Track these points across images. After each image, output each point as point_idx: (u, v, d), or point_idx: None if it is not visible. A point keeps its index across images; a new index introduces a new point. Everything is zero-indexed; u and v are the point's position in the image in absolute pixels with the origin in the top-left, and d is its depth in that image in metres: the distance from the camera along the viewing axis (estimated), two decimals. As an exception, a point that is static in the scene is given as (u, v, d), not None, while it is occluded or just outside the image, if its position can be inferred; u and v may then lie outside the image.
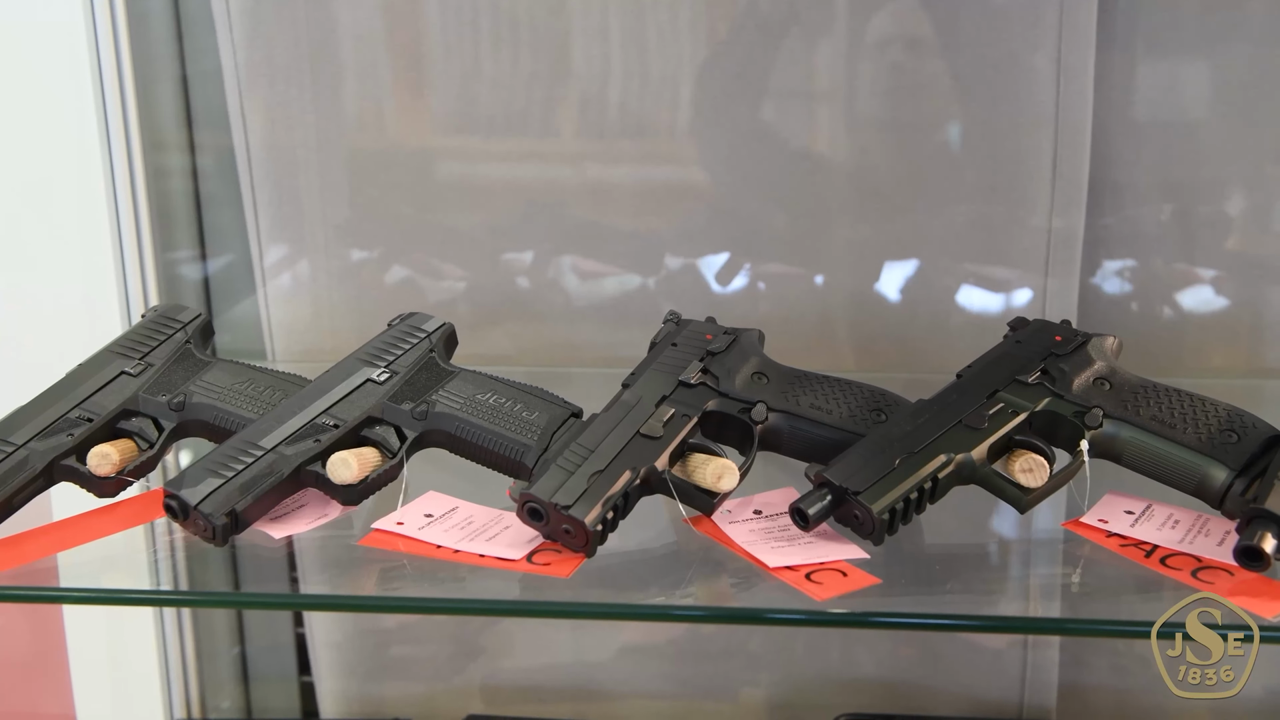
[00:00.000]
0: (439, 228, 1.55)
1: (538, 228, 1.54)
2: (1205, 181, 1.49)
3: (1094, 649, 1.61)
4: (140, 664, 1.65)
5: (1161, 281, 1.53)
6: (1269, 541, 0.94)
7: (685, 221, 1.54)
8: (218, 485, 1.04)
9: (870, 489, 1.03)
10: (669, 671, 1.65)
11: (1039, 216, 1.48)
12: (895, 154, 1.48)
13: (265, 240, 1.55)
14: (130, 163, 1.55)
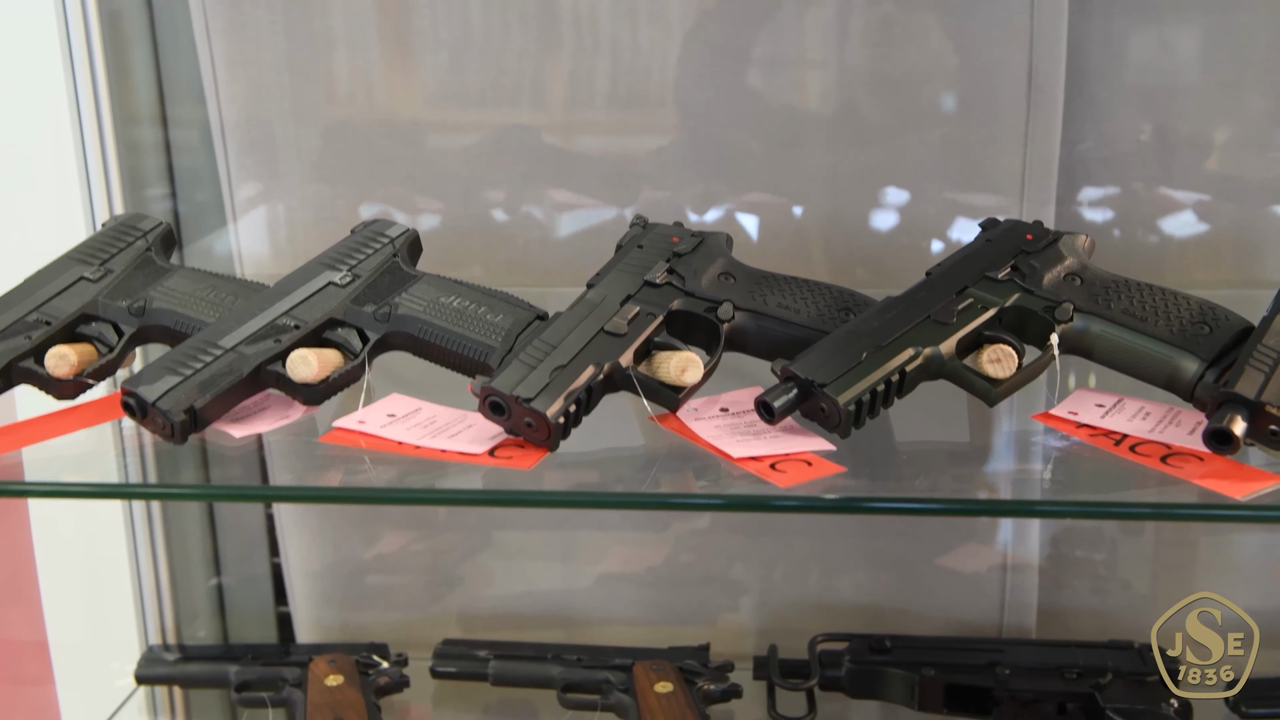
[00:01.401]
0: (413, 160, 1.53)
1: (513, 160, 1.52)
2: (1185, 95, 1.47)
3: (1074, 571, 1.60)
4: (114, 593, 1.64)
5: (1143, 205, 1.52)
6: (1238, 424, 0.93)
7: (662, 153, 1.52)
8: (176, 383, 1.03)
9: (836, 381, 1.01)
10: (646, 598, 1.65)
11: (1014, 138, 1.46)
12: (870, 74, 1.46)
13: (235, 177, 1.53)
14: (97, 100, 1.54)
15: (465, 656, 1.54)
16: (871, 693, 1.46)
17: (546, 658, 1.52)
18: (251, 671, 1.50)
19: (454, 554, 1.68)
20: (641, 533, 1.65)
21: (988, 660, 1.44)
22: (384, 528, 1.67)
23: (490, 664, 1.52)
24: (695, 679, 1.46)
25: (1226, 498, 0.90)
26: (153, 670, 1.55)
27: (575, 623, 1.65)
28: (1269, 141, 1.47)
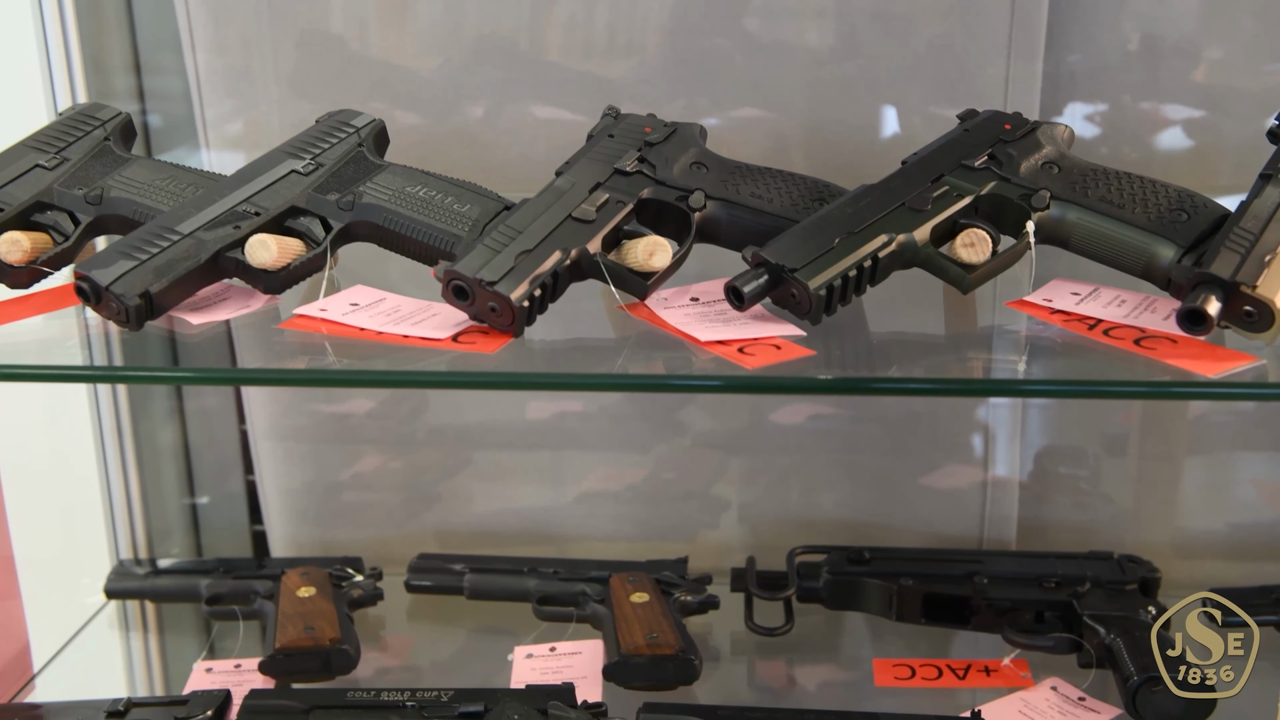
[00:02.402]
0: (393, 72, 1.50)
1: (493, 72, 1.49)
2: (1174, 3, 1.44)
3: (1055, 487, 1.59)
4: (85, 513, 1.63)
5: (1130, 119, 1.49)
6: (1213, 305, 0.91)
7: (643, 65, 1.49)
8: (131, 267, 1.00)
9: (807, 266, 0.99)
10: (626, 514, 1.63)
11: (998, 48, 1.43)
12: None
13: (207, 93, 1.49)
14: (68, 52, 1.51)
15: (440, 570, 1.53)
16: (849, 604, 1.45)
17: (522, 571, 1.50)
18: (223, 584, 1.48)
19: (432, 473, 1.66)
20: (622, 452, 1.64)
21: (966, 571, 1.43)
22: (361, 446, 1.66)
23: (465, 577, 1.51)
24: (672, 590, 1.44)
25: (1198, 375, 0.88)
26: (122, 584, 1.53)
27: (554, 540, 1.63)
28: (1258, 52, 1.44)
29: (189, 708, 1.25)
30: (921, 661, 1.36)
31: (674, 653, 1.30)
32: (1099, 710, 1.26)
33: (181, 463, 1.71)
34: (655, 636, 1.32)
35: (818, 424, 1.57)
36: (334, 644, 1.33)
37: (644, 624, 1.34)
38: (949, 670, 1.35)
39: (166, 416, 1.71)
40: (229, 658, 1.39)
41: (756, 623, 1.42)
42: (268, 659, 1.32)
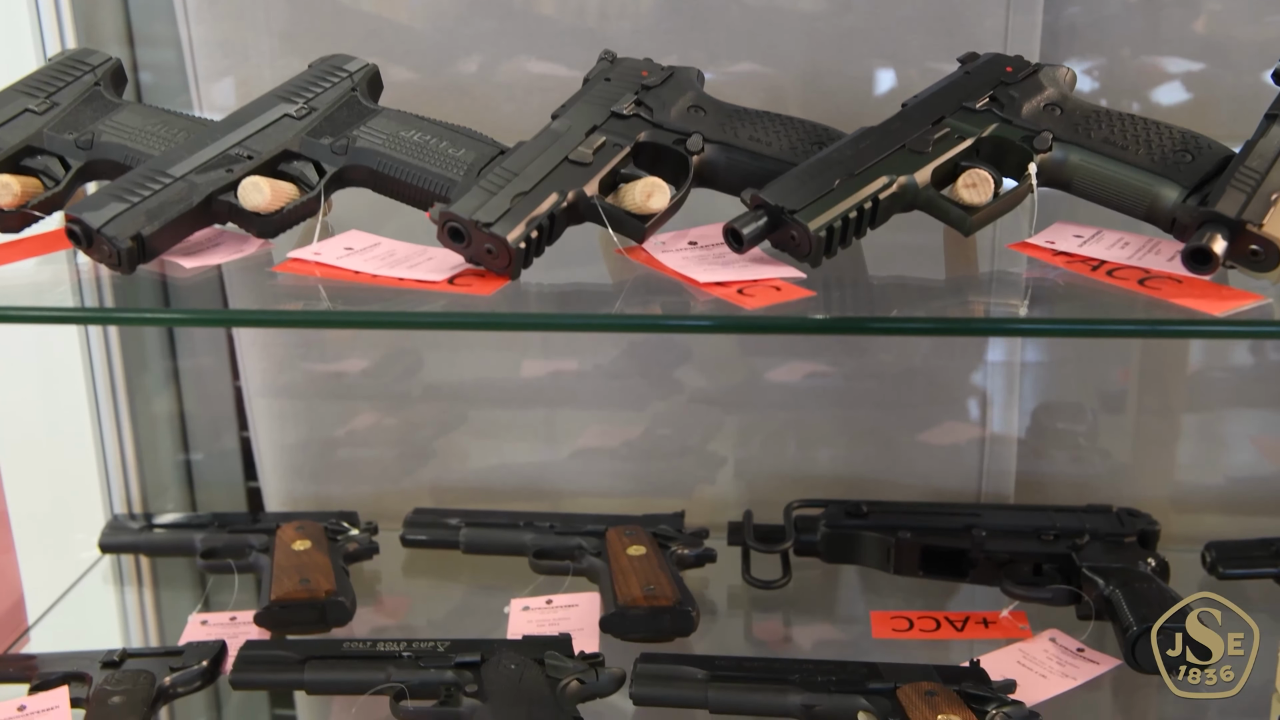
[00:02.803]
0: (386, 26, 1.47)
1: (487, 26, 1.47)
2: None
3: (1053, 442, 1.58)
4: (79, 470, 1.62)
5: (1129, 72, 1.47)
6: (1218, 243, 0.90)
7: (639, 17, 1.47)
8: (122, 209, 0.99)
9: (807, 208, 0.98)
10: (622, 470, 1.62)
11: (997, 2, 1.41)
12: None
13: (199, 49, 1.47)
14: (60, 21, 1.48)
15: (436, 524, 1.52)
16: (847, 557, 1.45)
17: (518, 525, 1.50)
18: (217, 538, 1.48)
19: (427, 430, 1.65)
20: (618, 409, 1.63)
21: (964, 524, 1.42)
22: (355, 403, 1.65)
23: (461, 531, 1.50)
24: (669, 544, 1.44)
25: (1204, 313, 0.87)
26: (117, 539, 1.52)
27: (550, 496, 1.62)
28: (1259, 1, 1.43)
29: (184, 658, 1.24)
30: (919, 614, 1.36)
31: (671, 604, 1.30)
32: (1098, 661, 1.26)
33: (176, 419, 1.70)
34: (652, 589, 1.31)
35: (814, 381, 1.57)
36: (329, 596, 1.32)
37: (641, 576, 1.34)
38: (947, 622, 1.34)
39: (160, 374, 1.70)
40: (224, 610, 1.38)
41: (753, 576, 1.42)
42: (263, 611, 1.31)
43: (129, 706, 1.16)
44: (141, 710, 1.15)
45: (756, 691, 1.19)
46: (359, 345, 1.62)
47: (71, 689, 1.21)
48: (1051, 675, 1.24)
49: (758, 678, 1.20)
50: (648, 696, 1.20)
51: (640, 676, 1.20)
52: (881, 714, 1.13)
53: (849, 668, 1.20)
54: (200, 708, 1.26)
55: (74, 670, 1.23)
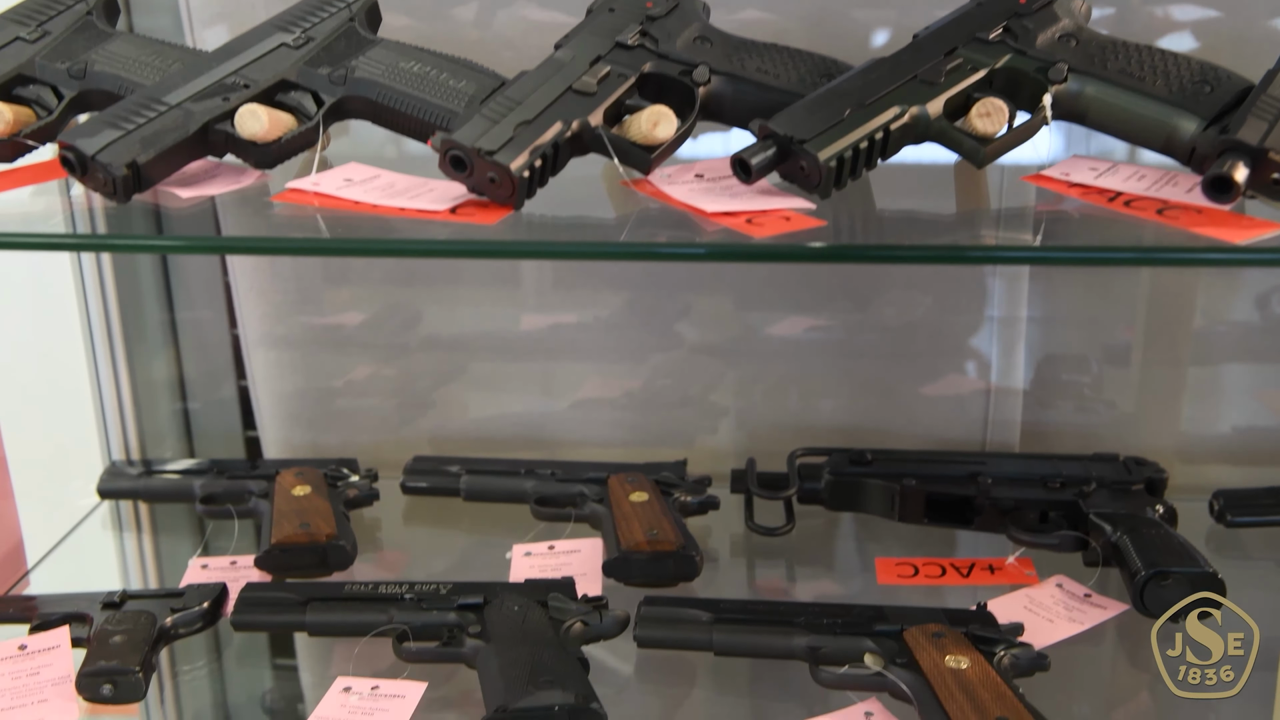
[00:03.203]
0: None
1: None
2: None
3: (1059, 392, 1.57)
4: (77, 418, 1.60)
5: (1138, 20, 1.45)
6: (1240, 171, 0.89)
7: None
8: (117, 136, 0.97)
9: (817, 137, 0.96)
10: (623, 420, 1.61)
11: None
12: None
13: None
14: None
15: (436, 472, 1.50)
16: (851, 505, 1.44)
17: (519, 473, 1.48)
18: (217, 484, 1.46)
19: (426, 380, 1.64)
20: (618, 362, 1.61)
21: (969, 471, 1.41)
22: (354, 355, 1.63)
23: (462, 479, 1.49)
24: (671, 490, 1.42)
25: (1225, 241, 0.85)
26: (115, 484, 1.51)
27: (550, 445, 1.61)
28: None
29: (185, 599, 1.23)
30: (924, 560, 1.35)
31: (674, 549, 1.28)
32: (1105, 606, 1.25)
33: (173, 369, 1.68)
34: (655, 533, 1.30)
35: (817, 333, 1.55)
36: (330, 540, 1.31)
37: (644, 521, 1.32)
38: (952, 569, 1.33)
39: (158, 325, 1.68)
40: (224, 555, 1.37)
41: (757, 523, 1.41)
42: (263, 554, 1.30)
43: (130, 646, 1.14)
44: (143, 649, 1.14)
45: (761, 634, 1.18)
46: (357, 297, 1.60)
47: (72, 629, 1.20)
48: (1058, 620, 1.23)
49: (763, 620, 1.19)
50: (652, 639, 1.19)
51: (644, 619, 1.19)
52: (888, 655, 1.12)
53: (855, 610, 1.19)
54: (201, 649, 1.25)
55: (75, 611, 1.22)
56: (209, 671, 1.24)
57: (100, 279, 1.59)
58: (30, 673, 1.15)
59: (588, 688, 1.07)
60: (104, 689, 1.11)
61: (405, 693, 1.13)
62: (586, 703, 1.05)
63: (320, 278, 1.58)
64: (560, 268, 1.56)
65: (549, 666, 1.09)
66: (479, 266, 1.57)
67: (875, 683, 1.12)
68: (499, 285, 1.58)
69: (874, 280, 1.52)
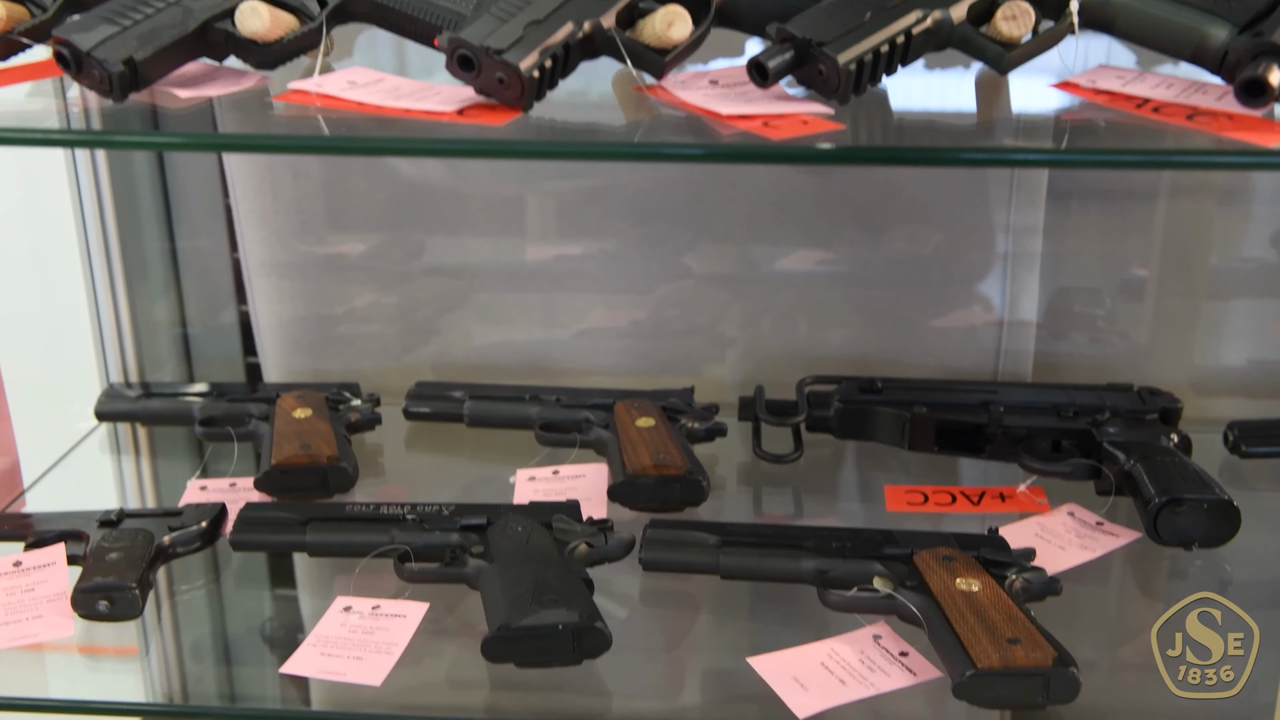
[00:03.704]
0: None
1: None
2: None
3: (1072, 323, 1.54)
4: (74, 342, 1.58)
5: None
6: (1275, 74, 0.85)
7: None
8: (113, 32, 0.94)
9: (836, 40, 0.93)
10: (628, 348, 1.59)
11: None
12: None
13: None
14: None
15: (439, 398, 1.48)
16: (860, 433, 1.42)
17: (524, 398, 1.46)
18: (216, 407, 1.44)
19: (429, 309, 1.61)
20: (624, 293, 1.58)
21: (981, 400, 1.39)
22: (357, 278, 1.60)
23: (465, 405, 1.47)
24: (679, 416, 1.40)
25: (1257, 145, 0.82)
26: (113, 406, 1.49)
27: (555, 374, 1.58)
28: None
29: (183, 518, 1.22)
30: (934, 488, 1.33)
31: (681, 473, 1.26)
32: (1117, 534, 1.23)
33: (173, 293, 1.65)
34: (662, 457, 1.28)
35: (827, 264, 1.52)
36: (331, 462, 1.29)
37: (650, 446, 1.30)
38: (963, 497, 1.31)
39: (157, 248, 1.65)
40: (223, 478, 1.35)
41: (764, 450, 1.39)
42: (263, 475, 1.28)
43: (127, 563, 1.13)
44: (140, 566, 1.12)
45: (768, 557, 1.16)
46: (360, 225, 1.57)
47: (68, 546, 1.18)
48: (1070, 547, 1.22)
49: (770, 543, 1.17)
50: (657, 561, 1.17)
51: (650, 541, 1.18)
52: (897, 579, 1.11)
53: (864, 534, 1.17)
54: (199, 570, 1.23)
55: (71, 529, 1.20)
56: (207, 593, 1.22)
57: (99, 200, 1.56)
58: (25, 589, 1.13)
59: (593, 607, 1.05)
60: (100, 605, 1.09)
61: (407, 612, 1.12)
62: (591, 622, 1.03)
63: (322, 204, 1.55)
64: (566, 197, 1.53)
65: (553, 586, 1.07)
66: (483, 196, 1.54)
67: (884, 605, 1.10)
68: (504, 215, 1.55)
69: (886, 211, 1.49)
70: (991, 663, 0.97)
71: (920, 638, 1.07)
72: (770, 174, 1.48)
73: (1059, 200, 1.46)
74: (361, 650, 1.07)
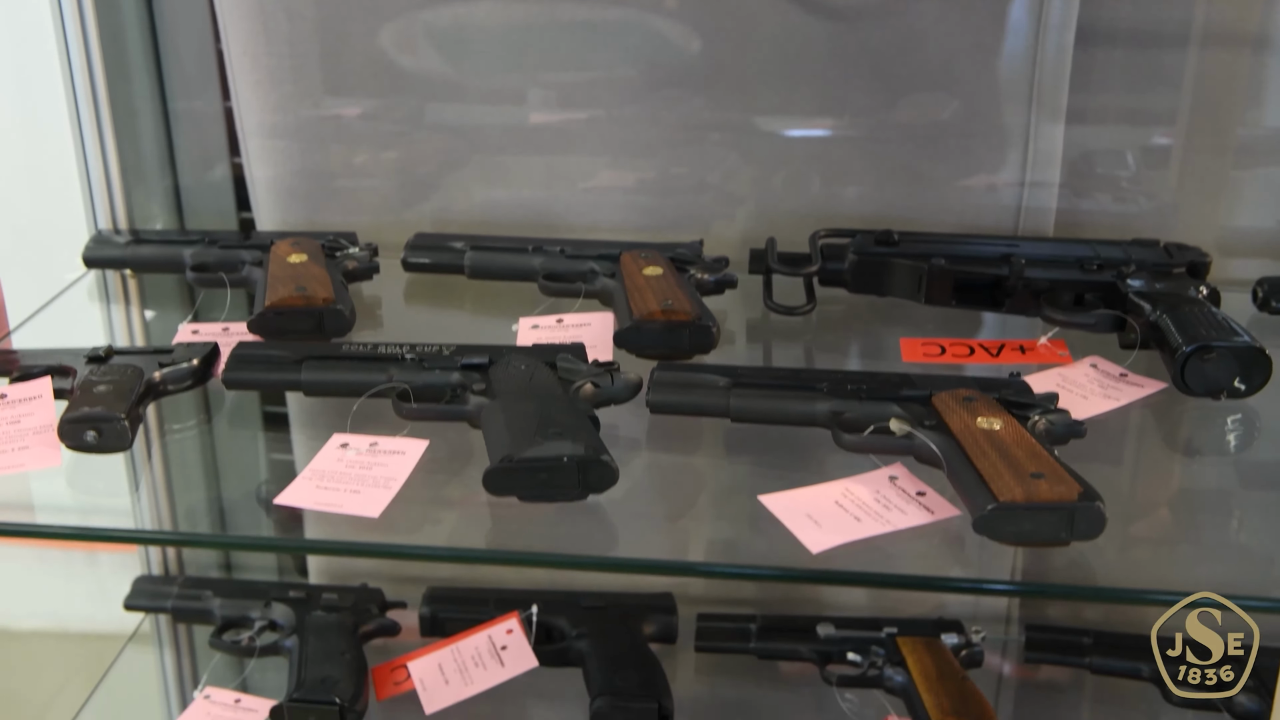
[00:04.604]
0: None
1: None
2: None
3: (1096, 184, 1.49)
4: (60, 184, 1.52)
5: None
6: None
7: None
8: None
9: None
10: (636, 204, 1.53)
11: None
12: None
13: None
14: None
15: (440, 248, 1.44)
16: (875, 287, 1.37)
17: (527, 249, 1.41)
18: (209, 253, 1.40)
19: (430, 164, 1.55)
20: (633, 155, 1.53)
21: (1002, 252, 1.34)
22: (355, 136, 1.54)
23: (466, 255, 1.42)
24: (687, 267, 1.35)
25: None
26: (102, 252, 1.44)
27: (558, 228, 1.53)
28: None
29: (174, 355, 1.17)
30: (952, 340, 1.28)
31: (690, 319, 1.22)
32: (1141, 384, 1.19)
33: (164, 144, 1.59)
34: (670, 303, 1.23)
35: (843, 122, 1.46)
36: (327, 304, 1.24)
37: (657, 293, 1.26)
38: (981, 349, 1.27)
39: (148, 100, 1.59)
40: (216, 323, 1.31)
41: (776, 301, 1.34)
42: (257, 317, 1.23)
43: (116, 395, 1.09)
44: (129, 399, 1.08)
45: (781, 399, 1.12)
46: (357, 86, 1.51)
47: (55, 381, 1.14)
48: (1092, 397, 1.18)
49: (783, 385, 1.13)
50: (666, 403, 1.13)
51: (658, 383, 1.13)
52: (916, 419, 1.07)
53: (881, 377, 1.13)
54: (191, 410, 1.19)
55: (58, 364, 1.16)
56: (199, 432, 1.19)
57: (85, 44, 1.49)
58: (11, 420, 1.10)
59: (598, 441, 1.02)
60: (88, 435, 1.05)
61: (406, 449, 1.08)
62: (597, 455, 0.99)
63: (317, 48, 1.48)
64: (571, 58, 1.47)
65: (558, 420, 1.03)
66: (485, 55, 1.47)
67: (902, 446, 1.06)
68: (506, 73, 1.48)
69: (906, 64, 1.43)
70: (1014, 496, 0.93)
71: (939, 479, 1.03)
72: (784, 25, 1.42)
73: (1086, 48, 1.40)
74: (359, 484, 1.03)
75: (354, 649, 1.45)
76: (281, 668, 1.43)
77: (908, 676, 1.38)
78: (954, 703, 1.32)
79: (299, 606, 1.52)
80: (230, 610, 1.54)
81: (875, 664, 1.42)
